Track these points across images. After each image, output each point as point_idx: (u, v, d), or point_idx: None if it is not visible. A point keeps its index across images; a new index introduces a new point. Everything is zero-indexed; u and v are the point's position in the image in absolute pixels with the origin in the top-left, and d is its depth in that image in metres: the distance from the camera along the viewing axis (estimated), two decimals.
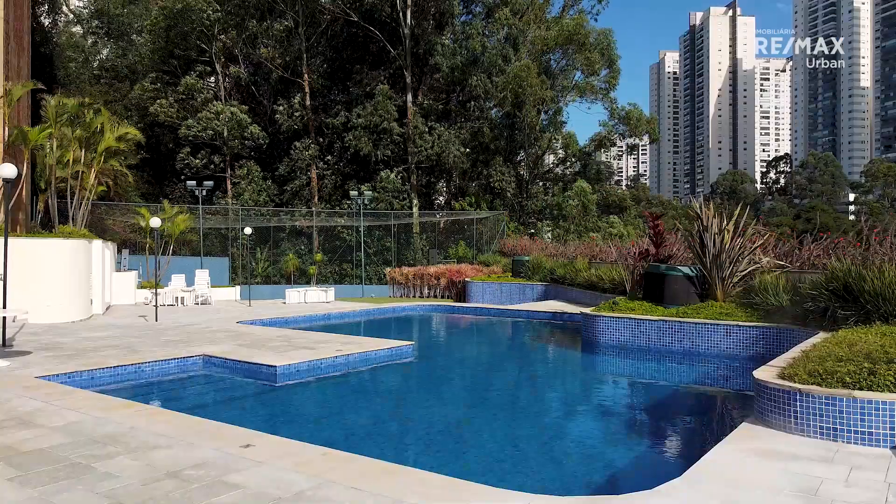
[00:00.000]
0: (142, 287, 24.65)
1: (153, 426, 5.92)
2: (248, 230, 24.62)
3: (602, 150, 42.87)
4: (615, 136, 41.77)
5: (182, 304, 23.16)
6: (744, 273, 11.78)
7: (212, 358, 9.94)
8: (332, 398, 8.34)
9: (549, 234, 35.35)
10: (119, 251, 28.90)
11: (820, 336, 8.70)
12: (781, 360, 6.85)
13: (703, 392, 9.29)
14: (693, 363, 10.77)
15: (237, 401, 8.22)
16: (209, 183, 29.12)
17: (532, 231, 37.03)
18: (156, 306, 16.95)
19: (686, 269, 11.94)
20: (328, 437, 6.53)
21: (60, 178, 21.44)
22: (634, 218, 41.08)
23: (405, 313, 19.43)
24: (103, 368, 8.89)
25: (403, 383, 9.42)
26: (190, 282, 25.16)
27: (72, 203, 20.65)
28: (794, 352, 7.31)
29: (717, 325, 10.84)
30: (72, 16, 50.62)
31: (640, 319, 11.59)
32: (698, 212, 12.16)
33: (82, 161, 20.67)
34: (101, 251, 20.30)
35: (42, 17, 45.86)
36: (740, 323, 10.66)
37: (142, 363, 9.34)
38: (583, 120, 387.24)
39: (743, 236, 11.82)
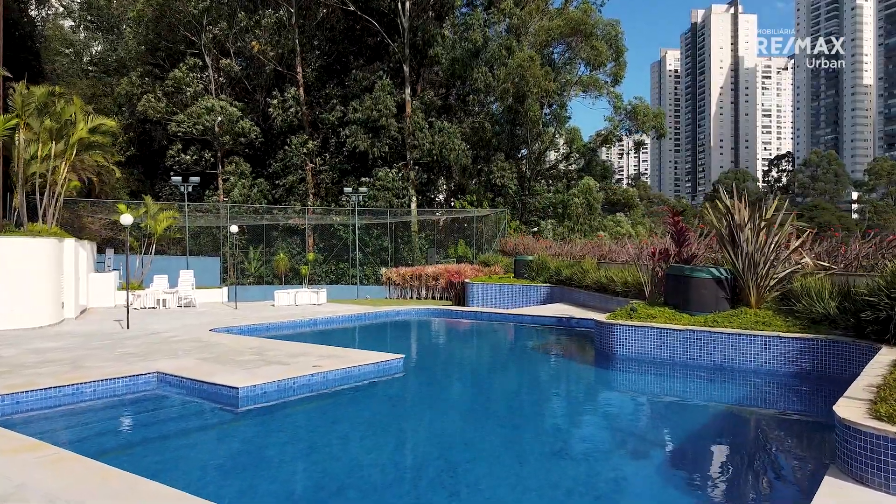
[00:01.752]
0: (123, 288, 23.31)
1: (52, 481, 4.49)
2: (234, 228, 23.16)
3: (608, 146, 41.36)
4: (621, 131, 40.27)
5: (164, 306, 21.81)
6: (781, 275, 10.34)
7: (166, 376, 8.50)
8: (301, 430, 6.89)
9: (551, 233, 33.87)
10: (103, 251, 27.52)
11: (887, 353, 7.28)
12: (861, 390, 5.42)
13: (746, 417, 7.86)
14: (727, 380, 9.34)
15: (186, 435, 6.76)
16: (195, 179, 27.65)
17: (535, 229, 35.57)
18: (127, 310, 15.53)
19: (715, 271, 10.49)
20: (289, 491, 5.10)
21: (39, 174, 20.08)
22: (642, 217, 39.59)
23: (399, 318, 17.96)
24: (31, 391, 7.45)
25: (389, 408, 7.96)
26: (174, 283, 23.79)
27: (41, 200, 19.25)
28: (872, 377, 5.88)
29: (754, 335, 9.40)
30: (61, 9, 49.21)
31: (663, 329, 10.15)
32: (728, 206, 10.71)
33: (53, 154, 19.23)
34: (73, 251, 18.92)
35: (31, 11, 44.54)
36: (781, 334, 9.23)
37: (82, 383, 7.90)
38: (586, 117, 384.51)
39: (779, 234, 10.38)
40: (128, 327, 14.81)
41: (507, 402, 8.25)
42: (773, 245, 10.26)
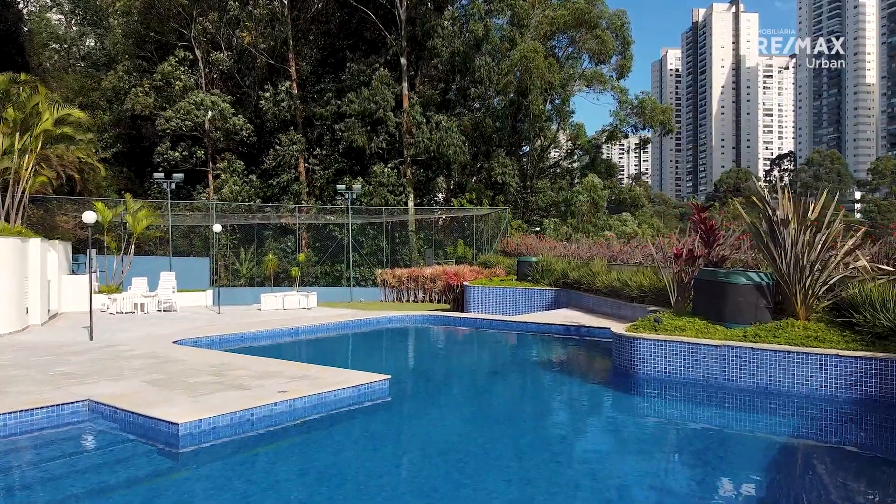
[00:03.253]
0: (100, 292, 21.87)
1: None
2: (217, 227, 21.67)
3: (613, 143, 39.81)
4: (626, 127, 38.68)
5: (142, 311, 20.34)
6: (832, 281, 8.83)
7: (98, 405, 6.99)
8: (253, 488, 5.33)
9: (553, 233, 32.29)
10: (84, 251, 26.10)
11: None
12: None
13: (815, 456, 6.37)
14: (774, 407, 7.83)
15: (101, 495, 5.18)
16: (179, 175, 26.10)
17: (537, 229, 34.04)
18: (91, 317, 13.95)
19: (755, 276, 8.98)
20: None
21: (3, 169, 18.64)
22: (650, 216, 38.05)
23: (391, 325, 16.39)
24: None
25: (369, 450, 6.41)
26: (156, 285, 22.29)
27: (3, 197, 17.79)
28: None
29: (807, 353, 7.88)
30: (48, 1, 47.69)
31: (696, 344, 8.63)
32: (767, 199, 9.20)
33: (16, 147, 17.75)
34: (39, 251, 17.43)
35: (19, 4, 43.07)
36: (840, 352, 7.71)
37: None
38: (590, 115, 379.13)
39: (828, 231, 8.86)
40: (91, 338, 13.29)
41: (513, 439, 6.72)
42: (822, 245, 8.76)
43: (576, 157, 41.07)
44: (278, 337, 13.71)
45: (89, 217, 14.49)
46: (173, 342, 11.63)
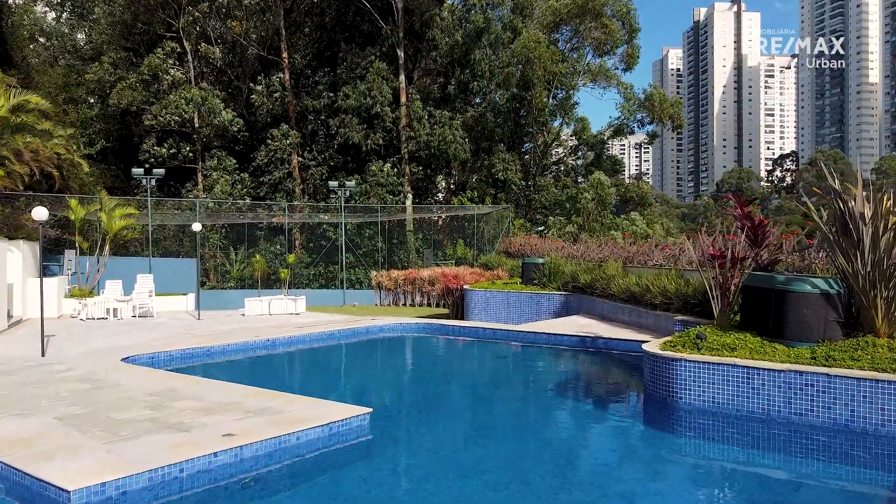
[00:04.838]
0: (71, 296, 20.24)
1: None
2: (196, 227, 19.99)
3: (620, 138, 38.06)
4: (633, 123, 36.89)
5: (115, 316, 18.65)
6: None
7: None
8: None
9: (556, 231, 30.43)
10: (62, 252, 24.52)
11: None
12: None
13: None
14: (858, 454, 6.14)
15: None
16: (159, 171, 24.43)
17: (541, 228, 32.28)
18: (42, 329, 12.22)
19: (822, 283, 7.28)
20: None
21: None
22: (659, 216, 36.30)
23: (382, 335, 14.61)
24: None
25: None
26: (131, 289, 20.62)
27: None
28: None
29: None
30: None
31: (754, 368, 6.94)
32: (837, 188, 7.52)
33: None
34: None
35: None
36: None
37: None
38: (595, 111, 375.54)
39: None
40: (42, 353, 11.56)
41: None
42: None
43: (580, 153, 39.36)
44: (252, 350, 11.94)
45: (40, 213, 12.76)
46: (122, 360, 9.88)
